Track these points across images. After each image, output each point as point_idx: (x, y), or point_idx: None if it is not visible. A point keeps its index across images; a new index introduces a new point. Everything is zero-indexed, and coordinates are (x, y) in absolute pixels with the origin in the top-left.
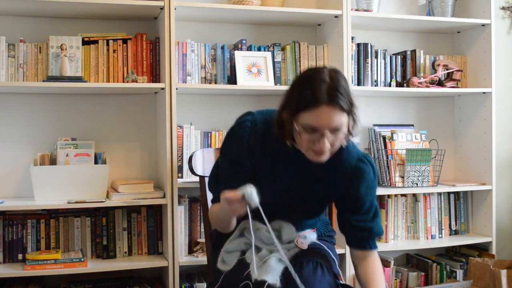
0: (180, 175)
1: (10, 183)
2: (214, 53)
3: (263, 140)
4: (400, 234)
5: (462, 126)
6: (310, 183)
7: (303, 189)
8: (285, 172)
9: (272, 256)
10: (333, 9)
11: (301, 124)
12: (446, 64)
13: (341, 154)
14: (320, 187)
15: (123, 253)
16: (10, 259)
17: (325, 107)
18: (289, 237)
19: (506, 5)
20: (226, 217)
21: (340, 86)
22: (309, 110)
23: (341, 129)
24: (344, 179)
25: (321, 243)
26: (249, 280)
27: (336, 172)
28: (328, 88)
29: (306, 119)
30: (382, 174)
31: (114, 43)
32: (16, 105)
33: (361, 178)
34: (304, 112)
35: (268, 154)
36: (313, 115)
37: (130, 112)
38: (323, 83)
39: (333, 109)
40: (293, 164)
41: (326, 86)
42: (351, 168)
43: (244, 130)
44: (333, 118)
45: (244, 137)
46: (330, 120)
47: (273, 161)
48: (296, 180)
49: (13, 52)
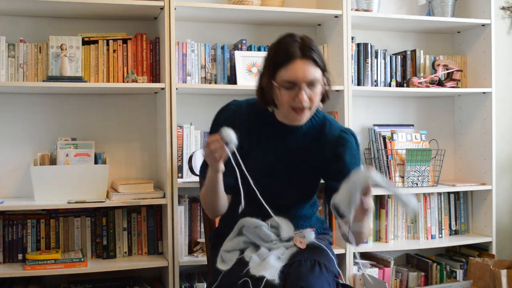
0: (180, 175)
1: (10, 183)
2: (214, 53)
3: (248, 119)
4: (400, 234)
5: (462, 126)
6: (297, 154)
7: (291, 160)
8: (272, 145)
9: (271, 253)
10: (333, 9)
11: (280, 82)
12: (446, 64)
13: (324, 126)
14: (306, 157)
15: (123, 253)
16: (10, 259)
17: (299, 61)
18: (288, 234)
19: (506, 5)
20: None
21: (312, 45)
22: (285, 66)
23: (316, 84)
24: (329, 149)
25: (320, 243)
26: (248, 278)
27: (320, 143)
28: (301, 45)
29: (284, 76)
30: (382, 174)
31: (114, 43)
32: (16, 105)
33: (344, 147)
34: (280, 70)
35: (254, 131)
36: (289, 70)
37: (130, 112)
38: (295, 42)
39: (307, 62)
40: (279, 137)
41: (298, 44)
42: (335, 137)
43: (228, 112)
44: (308, 71)
45: (229, 118)
46: (305, 72)
47: (260, 137)
48: (283, 153)
49: (13, 52)
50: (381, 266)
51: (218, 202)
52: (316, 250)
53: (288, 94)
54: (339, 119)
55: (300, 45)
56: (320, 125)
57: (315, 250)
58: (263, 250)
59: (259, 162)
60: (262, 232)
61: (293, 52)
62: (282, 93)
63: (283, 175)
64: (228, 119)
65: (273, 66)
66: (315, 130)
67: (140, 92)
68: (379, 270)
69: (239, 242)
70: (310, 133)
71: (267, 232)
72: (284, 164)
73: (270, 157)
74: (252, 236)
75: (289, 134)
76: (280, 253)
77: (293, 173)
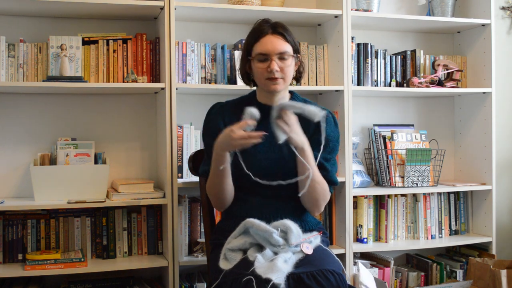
0: (180, 175)
1: (10, 183)
2: (214, 53)
3: (235, 111)
4: (400, 234)
5: (462, 126)
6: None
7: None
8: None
9: (278, 256)
10: (333, 9)
11: (254, 56)
12: (446, 64)
13: None
14: None
15: (123, 253)
16: (10, 259)
17: (270, 36)
18: (296, 241)
19: (506, 5)
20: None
21: (284, 25)
22: (257, 41)
23: (287, 58)
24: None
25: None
26: (252, 277)
27: (304, 119)
28: (272, 25)
29: (256, 49)
30: (382, 174)
31: (114, 43)
32: (16, 105)
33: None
34: (254, 45)
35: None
36: (260, 44)
37: (130, 112)
38: (268, 23)
39: (276, 37)
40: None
41: (269, 24)
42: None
43: (216, 109)
44: (277, 44)
45: (219, 113)
46: (274, 44)
47: None
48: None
49: (13, 52)
50: (381, 266)
51: (225, 192)
52: (322, 257)
53: (262, 65)
54: (339, 119)
55: (272, 24)
56: None
57: (322, 258)
58: (268, 251)
59: (254, 150)
60: (273, 239)
61: (264, 29)
62: (257, 65)
63: (277, 155)
64: (218, 113)
65: (248, 44)
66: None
67: (140, 92)
68: (379, 270)
69: (245, 243)
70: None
71: (277, 238)
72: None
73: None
74: (261, 239)
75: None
76: (287, 257)
77: (284, 152)
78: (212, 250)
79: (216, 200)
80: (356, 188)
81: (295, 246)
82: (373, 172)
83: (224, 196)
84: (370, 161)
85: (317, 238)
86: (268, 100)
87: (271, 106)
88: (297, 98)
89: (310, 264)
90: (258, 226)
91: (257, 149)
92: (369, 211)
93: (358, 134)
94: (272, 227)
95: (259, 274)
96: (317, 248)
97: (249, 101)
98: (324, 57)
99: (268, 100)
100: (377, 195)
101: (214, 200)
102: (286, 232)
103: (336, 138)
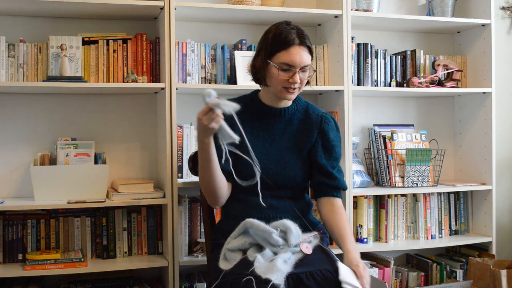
0: (180, 175)
1: (10, 183)
2: (214, 53)
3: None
4: (400, 234)
5: (462, 126)
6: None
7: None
8: (264, 128)
9: (278, 257)
10: (333, 9)
11: (277, 63)
12: (446, 64)
13: (307, 108)
14: (296, 137)
15: (123, 253)
16: (10, 259)
17: (297, 47)
18: (296, 241)
19: (506, 5)
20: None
21: (306, 33)
22: (284, 50)
23: (308, 69)
24: (315, 127)
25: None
26: (252, 277)
27: (306, 122)
28: (297, 33)
29: (282, 58)
30: (382, 174)
31: (114, 43)
32: (16, 105)
33: (328, 125)
34: (279, 52)
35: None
36: (288, 54)
37: (130, 112)
38: (293, 30)
39: (303, 49)
40: (269, 119)
41: (295, 31)
42: (318, 117)
43: None
44: (304, 57)
45: None
46: (302, 58)
47: (251, 122)
48: (275, 134)
49: (13, 52)
50: (381, 266)
51: (216, 186)
52: (322, 257)
53: (284, 75)
54: (339, 119)
55: (297, 32)
56: (304, 108)
57: (322, 258)
58: (267, 251)
59: (254, 146)
60: (272, 239)
61: (293, 39)
62: (279, 73)
63: (278, 156)
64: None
65: (272, 48)
66: (299, 112)
67: (140, 92)
68: (379, 270)
69: (244, 243)
70: (296, 115)
71: (277, 238)
72: (278, 145)
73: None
74: (260, 239)
75: (278, 116)
76: (287, 257)
77: (286, 154)
78: (212, 250)
79: (209, 195)
80: (356, 188)
81: (295, 246)
82: (373, 172)
83: (215, 191)
84: (370, 161)
85: (317, 238)
86: (274, 103)
87: (275, 108)
88: (299, 99)
89: (309, 264)
90: (258, 226)
91: (257, 149)
92: (369, 211)
93: (358, 134)
94: (271, 227)
95: (259, 274)
96: (316, 248)
97: (255, 105)
98: (324, 57)
99: (274, 103)
100: (377, 195)
101: (207, 196)
102: (286, 232)
103: (339, 143)
